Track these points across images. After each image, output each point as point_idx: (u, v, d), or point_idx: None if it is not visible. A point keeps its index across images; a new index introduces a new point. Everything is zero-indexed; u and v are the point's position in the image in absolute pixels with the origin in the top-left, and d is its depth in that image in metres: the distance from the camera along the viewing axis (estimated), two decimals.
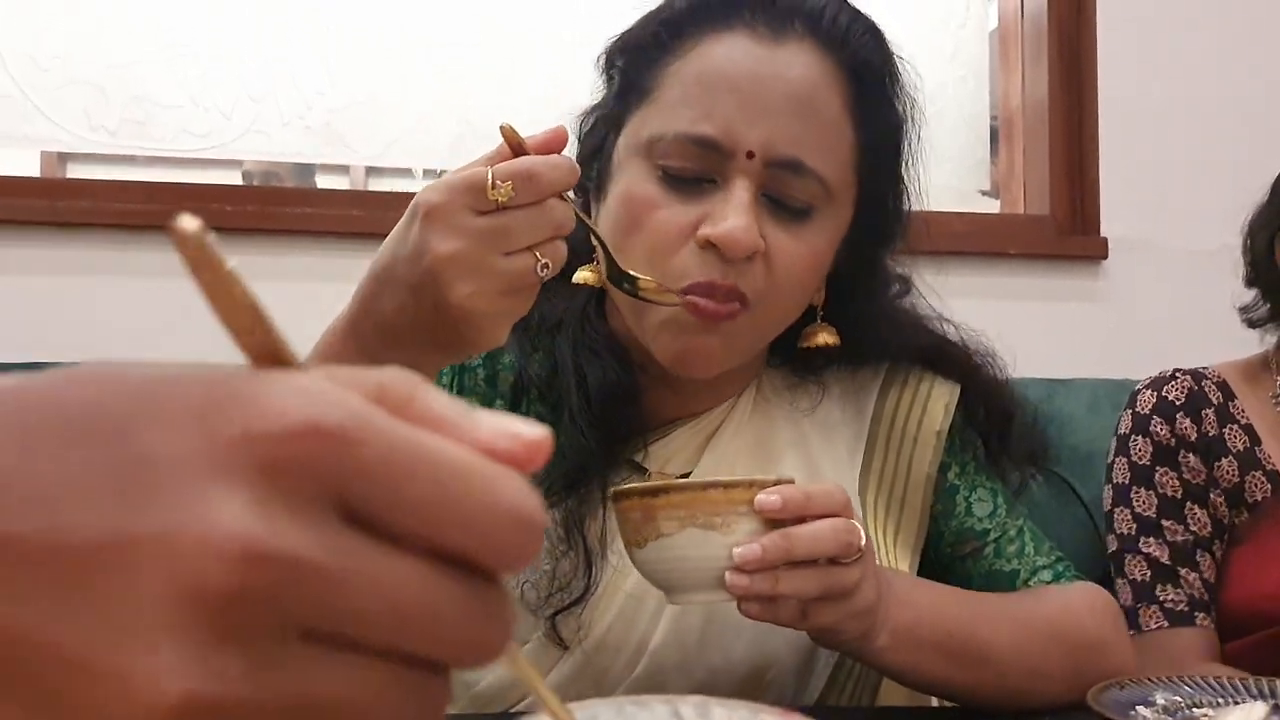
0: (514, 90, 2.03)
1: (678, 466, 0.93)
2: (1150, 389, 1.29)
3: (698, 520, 0.72)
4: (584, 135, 0.95)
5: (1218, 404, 1.26)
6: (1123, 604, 1.24)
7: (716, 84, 0.84)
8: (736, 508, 0.72)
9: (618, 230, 0.86)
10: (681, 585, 0.74)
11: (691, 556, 0.72)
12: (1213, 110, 2.17)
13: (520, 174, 0.66)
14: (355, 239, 1.90)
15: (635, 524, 0.74)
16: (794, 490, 0.72)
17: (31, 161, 2.16)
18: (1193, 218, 2.11)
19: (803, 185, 0.85)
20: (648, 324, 0.87)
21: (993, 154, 2.28)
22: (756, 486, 0.72)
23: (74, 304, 1.83)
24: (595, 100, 0.95)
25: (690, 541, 0.72)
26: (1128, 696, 0.82)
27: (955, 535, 0.99)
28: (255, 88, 1.97)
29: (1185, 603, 1.20)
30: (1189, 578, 1.21)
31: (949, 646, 0.83)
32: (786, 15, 0.86)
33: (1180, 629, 1.19)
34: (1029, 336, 2.03)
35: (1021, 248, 2.10)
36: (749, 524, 0.72)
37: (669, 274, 0.84)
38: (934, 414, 0.98)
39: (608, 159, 0.90)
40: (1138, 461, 1.26)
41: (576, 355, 0.91)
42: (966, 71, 2.24)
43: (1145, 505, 1.24)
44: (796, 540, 0.71)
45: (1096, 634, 0.92)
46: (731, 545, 0.71)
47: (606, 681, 0.88)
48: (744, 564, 0.70)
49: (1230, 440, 1.24)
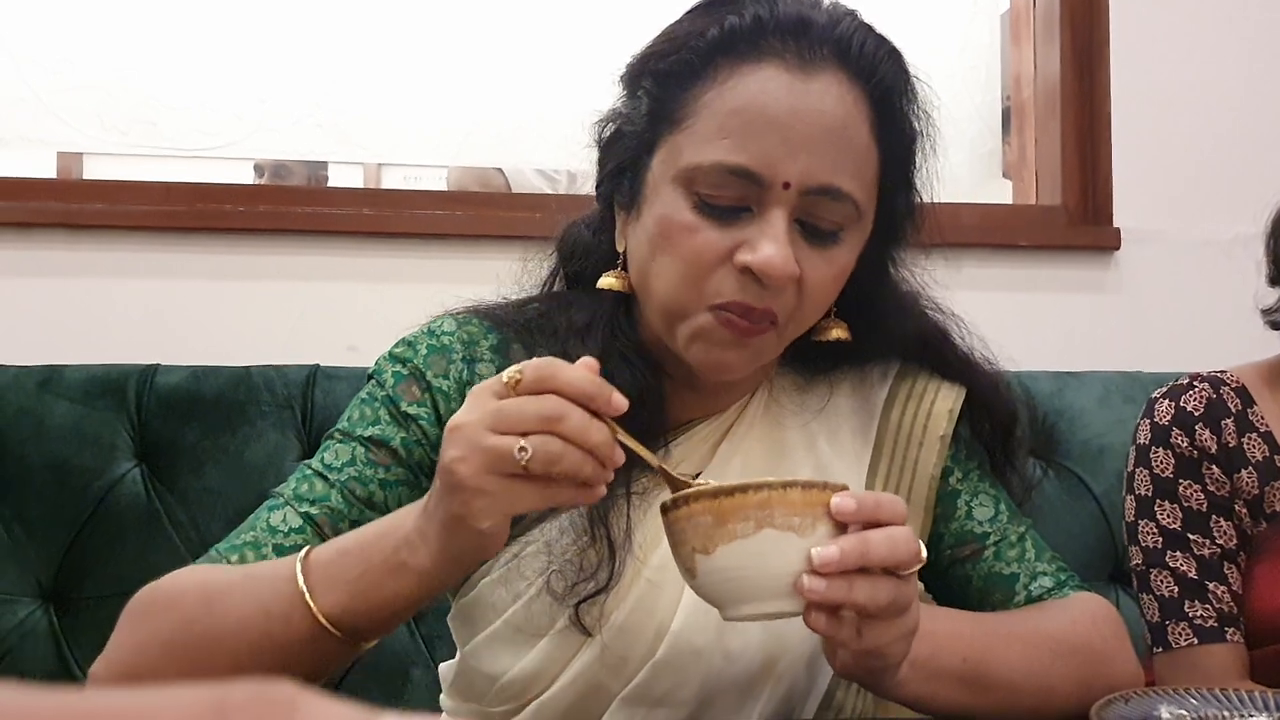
0: (524, 87, 2.04)
1: (691, 466, 0.95)
2: (1168, 398, 1.27)
3: (776, 521, 0.69)
4: (607, 142, 0.97)
5: (1236, 411, 1.25)
6: (1149, 620, 1.23)
7: (754, 117, 0.86)
8: (814, 509, 0.69)
9: (654, 250, 0.90)
10: (749, 594, 0.71)
11: (765, 561, 0.69)
12: (1228, 97, 2.15)
13: (530, 365, 0.71)
14: (367, 237, 1.91)
15: (705, 529, 0.70)
16: (867, 495, 0.72)
17: (48, 163, 2.17)
18: (1207, 208, 2.09)
19: (837, 209, 0.89)
20: (679, 333, 0.90)
21: (1004, 140, 2.27)
22: (830, 489, 0.70)
23: (89, 306, 1.84)
24: (618, 108, 0.97)
25: (767, 544, 0.69)
26: (1132, 711, 0.82)
27: (955, 538, 1.01)
28: (265, 86, 1.98)
29: (1215, 618, 1.19)
30: (1218, 591, 1.20)
31: (964, 674, 0.83)
32: (816, 45, 0.88)
33: (1211, 646, 1.18)
34: (1040, 329, 2.04)
35: (1033, 239, 2.09)
36: (824, 527, 0.70)
37: (704, 292, 0.88)
38: (938, 418, 1.01)
39: (640, 179, 0.93)
40: (1160, 474, 1.24)
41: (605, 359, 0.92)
42: (978, 60, 2.22)
43: (1170, 518, 1.23)
44: (873, 545, 0.70)
45: (1101, 647, 0.93)
46: (808, 548, 0.69)
47: (627, 667, 0.90)
48: (822, 567, 0.69)
49: (1250, 450, 1.23)
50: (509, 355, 0.97)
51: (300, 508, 0.89)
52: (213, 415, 1.55)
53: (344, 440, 0.93)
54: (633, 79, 0.95)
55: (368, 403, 0.95)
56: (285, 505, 0.90)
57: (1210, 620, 1.19)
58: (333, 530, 0.88)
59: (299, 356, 1.61)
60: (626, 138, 0.94)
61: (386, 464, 0.92)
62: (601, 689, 0.91)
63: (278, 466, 1.54)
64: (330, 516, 0.89)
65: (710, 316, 0.88)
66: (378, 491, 0.91)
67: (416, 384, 0.95)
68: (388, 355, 0.98)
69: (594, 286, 0.95)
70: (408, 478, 0.92)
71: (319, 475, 0.91)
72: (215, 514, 1.52)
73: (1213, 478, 1.23)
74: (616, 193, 0.96)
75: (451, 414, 0.84)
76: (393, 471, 0.92)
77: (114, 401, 1.54)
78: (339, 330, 1.82)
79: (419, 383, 0.95)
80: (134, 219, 1.86)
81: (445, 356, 0.96)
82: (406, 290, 1.84)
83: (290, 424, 1.56)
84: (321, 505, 0.89)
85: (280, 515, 0.89)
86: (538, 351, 0.95)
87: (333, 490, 0.90)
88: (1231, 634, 1.19)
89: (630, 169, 0.94)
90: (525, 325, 0.99)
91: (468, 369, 0.96)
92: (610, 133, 0.97)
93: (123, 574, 1.50)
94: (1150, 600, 1.23)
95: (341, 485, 0.90)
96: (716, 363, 0.90)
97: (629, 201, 0.94)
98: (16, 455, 1.51)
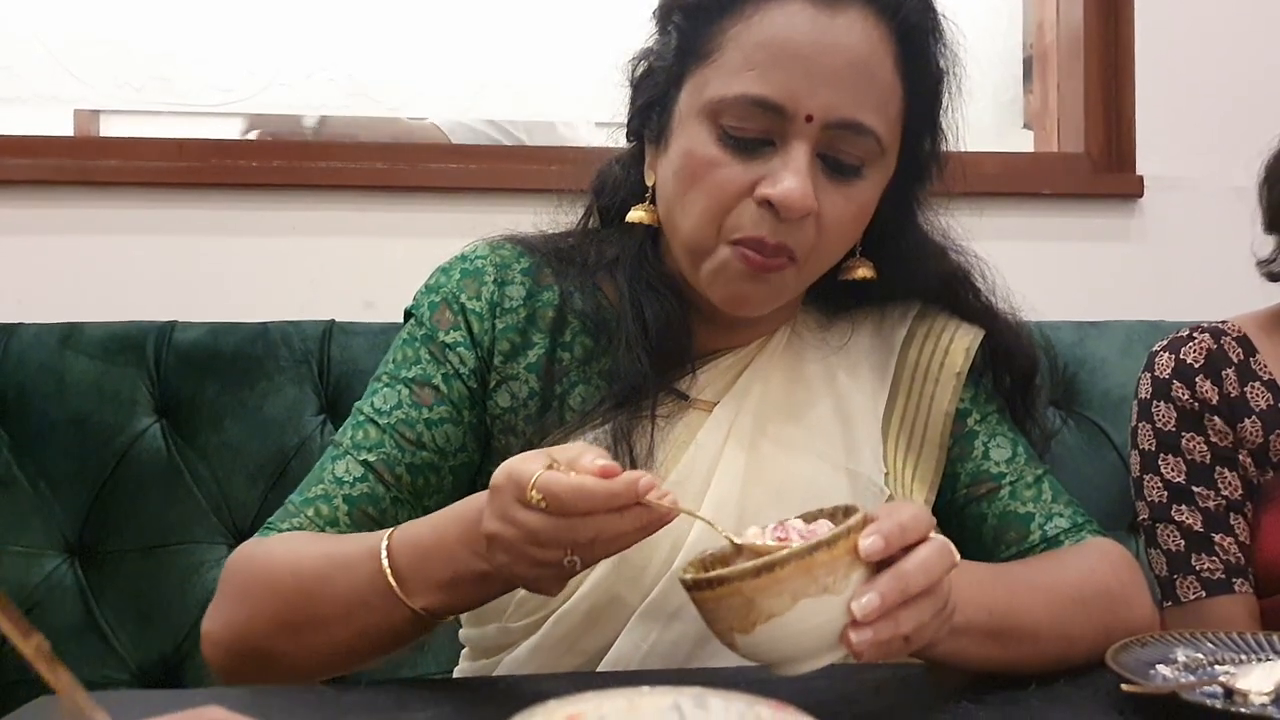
0: (537, 40, 2.02)
1: (714, 393, 0.99)
2: (1168, 351, 1.26)
3: (810, 591, 0.66)
4: (638, 79, 1.00)
5: (1238, 361, 1.24)
6: (1157, 574, 1.23)
7: (778, 50, 0.88)
8: (843, 561, 0.67)
9: (679, 184, 0.93)
10: (799, 656, 0.69)
11: (808, 628, 0.67)
12: (1253, 43, 2.10)
13: (550, 493, 0.70)
14: (381, 191, 1.91)
15: (737, 611, 0.67)
16: (891, 526, 0.69)
17: (65, 121, 2.17)
18: (1231, 155, 2.03)
19: (859, 144, 0.90)
20: (702, 270, 0.94)
21: (1026, 89, 2.24)
22: (853, 533, 0.67)
23: (108, 263, 1.85)
24: (649, 46, 0.99)
25: (806, 613, 0.66)
26: (1149, 655, 0.82)
27: (971, 477, 1.02)
28: (278, 41, 1.97)
29: (1222, 570, 1.19)
30: (1224, 543, 1.20)
31: (990, 627, 0.83)
32: None
33: (1219, 598, 1.18)
34: (1062, 278, 2.02)
35: (1055, 187, 2.06)
36: (857, 572, 0.67)
37: (724, 227, 0.91)
38: (955, 356, 1.03)
39: (668, 113, 0.95)
40: (1162, 428, 1.24)
41: (634, 289, 0.98)
42: (1000, 5, 2.19)
43: (1174, 471, 1.22)
44: (910, 579, 0.68)
45: (1120, 591, 0.93)
46: (846, 602, 0.66)
47: (644, 578, 0.92)
48: (866, 618, 0.67)
49: (1253, 399, 1.22)
50: (539, 279, 1.01)
51: (359, 455, 0.95)
52: (231, 371, 1.56)
53: (390, 384, 0.98)
54: (664, 15, 0.98)
55: (408, 344, 1.00)
56: (346, 455, 0.96)
57: (1218, 572, 1.19)
58: (390, 474, 0.95)
59: (315, 312, 1.62)
60: (656, 73, 0.97)
61: (429, 403, 0.97)
62: (619, 601, 0.93)
63: (296, 420, 1.55)
64: (386, 462, 0.95)
65: (729, 251, 0.91)
66: (424, 431, 0.96)
67: (449, 309, 0.99)
68: (424, 287, 1.03)
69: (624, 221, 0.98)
70: (451, 414, 0.97)
71: (371, 421, 0.97)
72: (235, 468, 1.54)
73: (1215, 429, 1.22)
74: (646, 128, 0.99)
75: (484, 333, 0.96)
76: (436, 410, 0.97)
77: (134, 358, 1.55)
78: (355, 286, 1.82)
79: (451, 307, 0.99)
80: (150, 175, 1.86)
81: (477, 279, 1.00)
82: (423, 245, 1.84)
83: (308, 379, 1.57)
84: (378, 452, 0.95)
85: (344, 465, 0.95)
86: (568, 279, 1.00)
87: (385, 436, 0.96)
88: (1240, 585, 1.19)
89: (659, 104, 0.97)
90: (557, 253, 1.02)
91: (498, 290, 1.00)
92: (642, 70, 1.00)
93: (145, 527, 1.52)
94: (1158, 555, 1.23)
95: (392, 429, 0.96)
96: (736, 297, 0.93)
97: (657, 136, 0.97)
98: (40, 411, 1.53)
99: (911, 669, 0.86)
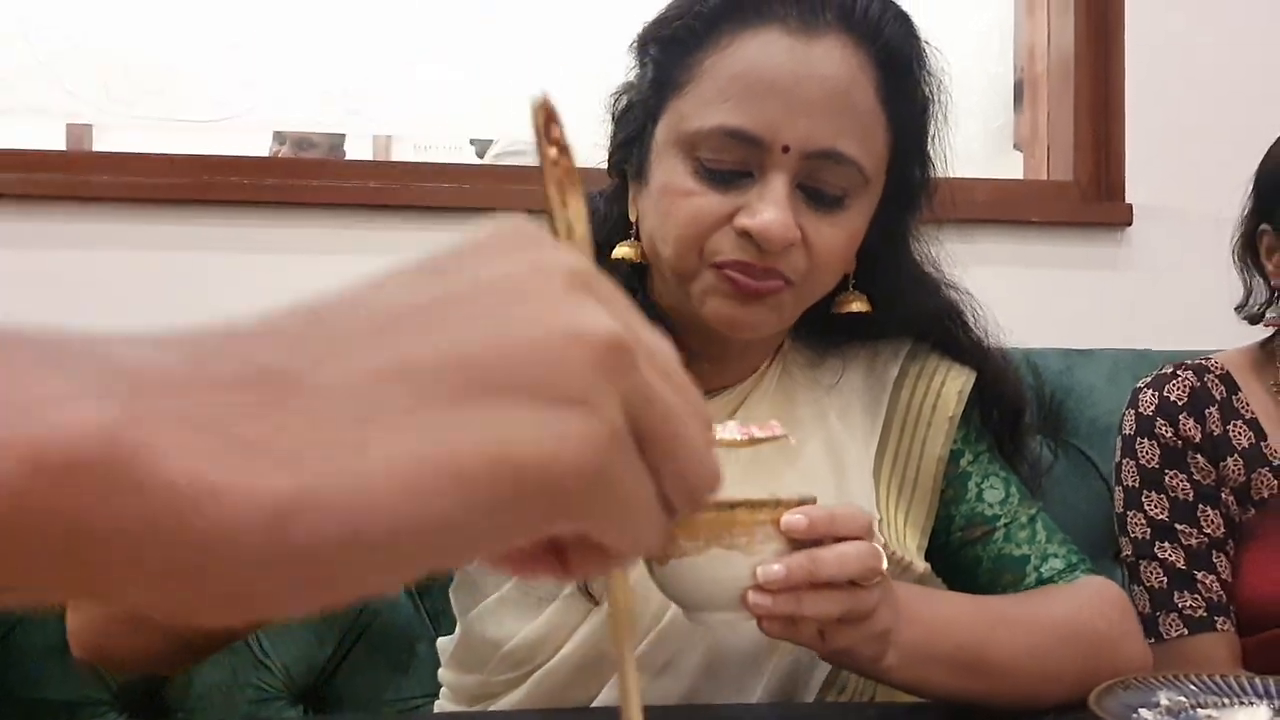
0: (539, 61, 2.02)
1: None
2: (1151, 388, 1.27)
3: (722, 540, 0.71)
4: (619, 115, 0.98)
5: (1220, 399, 1.25)
6: (1140, 612, 1.22)
7: (754, 80, 0.87)
8: (762, 527, 0.71)
9: (658, 217, 0.91)
10: (702, 604, 0.74)
11: (714, 576, 0.72)
12: (1244, 73, 2.12)
13: None
14: (375, 210, 1.91)
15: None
16: (820, 511, 0.72)
17: (57, 135, 2.17)
18: (1220, 185, 2.05)
19: (840, 173, 0.89)
20: (692, 293, 0.91)
21: (1017, 113, 2.25)
22: (783, 506, 0.72)
23: (97, 277, 1.84)
24: (629, 80, 0.98)
25: (713, 561, 0.71)
26: (1131, 698, 0.82)
27: (965, 520, 1.01)
28: (276, 56, 1.97)
29: (1204, 607, 1.19)
30: (1206, 580, 1.20)
31: (959, 659, 0.83)
32: (819, 8, 0.88)
33: (1202, 635, 1.19)
34: (1050, 305, 2.03)
35: (1044, 215, 2.07)
36: (774, 544, 0.71)
37: (705, 251, 0.89)
38: (948, 399, 1.01)
39: (647, 147, 0.94)
40: (1146, 465, 1.24)
41: None
42: (991, 31, 2.20)
43: (1158, 509, 1.23)
44: (821, 563, 0.71)
45: (1107, 631, 0.93)
46: (755, 565, 0.70)
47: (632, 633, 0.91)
48: (768, 584, 0.70)
49: (1235, 437, 1.23)
50: None
51: None
52: None
53: None
54: (640, 48, 0.96)
55: None
56: None
57: (1200, 610, 1.19)
58: None
59: None
60: (634, 107, 0.96)
61: None
62: (605, 658, 0.91)
63: None
64: None
65: (712, 275, 0.89)
66: None
67: None
68: None
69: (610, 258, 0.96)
70: None
71: None
72: None
73: (1198, 467, 1.23)
74: (627, 163, 0.97)
75: None
76: None
77: None
78: None
79: None
80: (142, 191, 1.86)
81: None
82: None
83: None
84: None
85: None
86: None
87: None
88: (1221, 623, 1.19)
89: (638, 138, 0.95)
90: None
91: None
92: (623, 105, 0.98)
93: None
94: (1140, 591, 1.23)
95: None
96: (730, 318, 0.90)
97: (638, 170, 0.95)
98: None
99: (895, 707, 0.86)
